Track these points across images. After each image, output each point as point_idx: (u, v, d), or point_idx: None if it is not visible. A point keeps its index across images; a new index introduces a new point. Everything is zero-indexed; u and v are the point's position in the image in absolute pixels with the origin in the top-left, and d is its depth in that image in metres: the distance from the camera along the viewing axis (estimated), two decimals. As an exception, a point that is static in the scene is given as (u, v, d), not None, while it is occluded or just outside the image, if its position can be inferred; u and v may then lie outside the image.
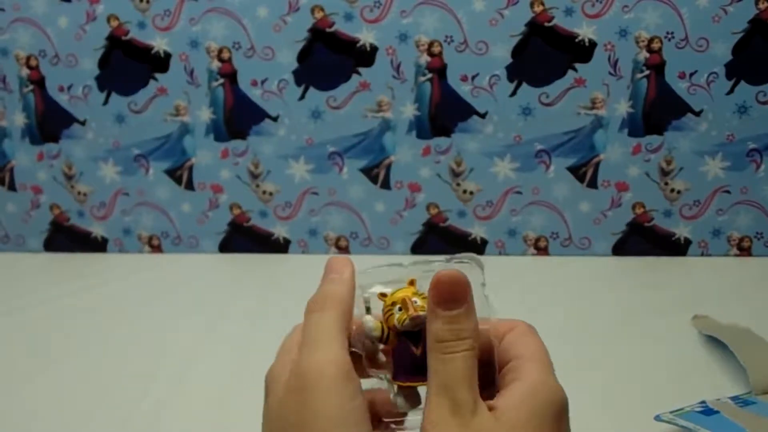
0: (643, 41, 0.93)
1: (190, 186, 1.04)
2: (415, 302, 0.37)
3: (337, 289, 0.39)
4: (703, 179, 0.98)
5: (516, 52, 0.95)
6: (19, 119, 1.03)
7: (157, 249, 1.07)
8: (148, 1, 0.96)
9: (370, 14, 0.95)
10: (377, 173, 1.02)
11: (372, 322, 0.38)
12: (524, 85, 0.96)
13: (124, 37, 0.98)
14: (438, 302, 0.35)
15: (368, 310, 0.39)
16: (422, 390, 0.37)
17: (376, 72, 0.97)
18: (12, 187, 1.06)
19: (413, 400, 0.38)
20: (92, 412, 0.70)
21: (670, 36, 0.93)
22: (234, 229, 1.06)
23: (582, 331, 0.82)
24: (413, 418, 0.38)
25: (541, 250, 1.03)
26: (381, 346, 0.39)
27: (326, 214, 1.04)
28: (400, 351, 0.38)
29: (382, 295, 0.39)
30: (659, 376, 0.73)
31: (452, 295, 0.35)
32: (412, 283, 0.39)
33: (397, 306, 0.37)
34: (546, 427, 0.34)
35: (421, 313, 0.37)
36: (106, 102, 1.01)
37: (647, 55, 0.94)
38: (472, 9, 0.93)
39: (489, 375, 0.37)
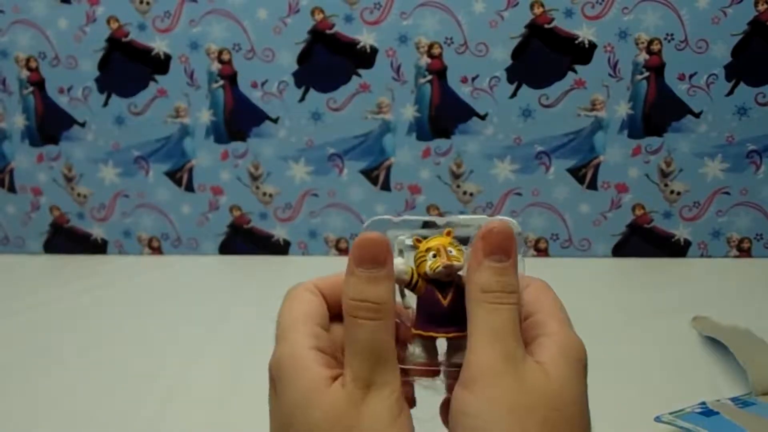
0: (642, 43, 0.93)
1: (190, 188, 1.04)
2: (450, 252, 0.37)
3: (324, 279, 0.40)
4: (703, 181, 0.98)
5: (516, 53, 0.95)
6: (19, 121, 1.03)
7: (157, 251, 1.07)
8: (148, 3, 0.96)
9: (370, 16, 0.95)
10: (377, 175, 1.02)
11: (403, 265, 0.37)
12: (524, 87, 0.96)
13: (124, 39, 0.98)
14: (488, 252, 0.35)
15: (401, 252, 0.38)
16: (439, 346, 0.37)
17: (376, 74, 0.97)
18: (12, 189, 1.06)
19: (430, 351, 0.37)
20: (93, 414, 0.70)
21: (669, 37, 0.93)
22: (234, 231, 1.06)
23: (582, 332, 0.81)
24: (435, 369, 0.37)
25: (541, 252, 1.03)
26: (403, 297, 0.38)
27: (326, 215, 1.04)
28: (426, 299, 0.37)
29: (417, 241, 0.38)
30: (659, 377, 0.73)
31: (502, 247, 0.35)
32: (449, 233, 0.38)
33: (431, 253, 0.37)
34: (582, 380, 0.35)
35: (455, 263, 0.36)
36: (106, 104, 1.01)
37: (647, 56, 0.94)
38: (472, 11, 0.93)
39: None
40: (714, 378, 0.71)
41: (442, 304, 0.36)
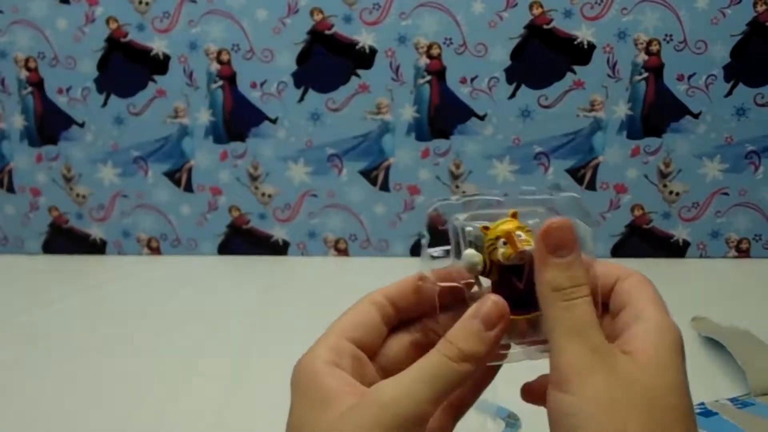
0: (641, 43, 0.93)
1: (189, 188, 1.04)
2: (520, 236, 0.36)
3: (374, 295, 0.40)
4: (702, 181, 0.98)
5: (515, 54, 0.95)
6: (18, 121, 1.03)
7: (156, 251, 1.07)
8: (147, 3, 0.96)
9: (369, 16, 0.95)
10: (376, 175, 1.02)
11: (477, 256, 0.37)
12: (523, 87, 0.96)
13: (123, 39, 0.98)
14: (551, 250, 0.35)
15: (470, 244, 0.38)
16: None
17: (375, 74, 0.97)
18: (11, 189, 1.06)
19: (511, 335, 0.37)
20: (92, 414, 0.70)
21: (668, 38, 0.93)
22: (233, 231, 1.06)
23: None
24: (515, 351, 0.38)
25: (540, 252, 1.03)
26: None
27: (325, 216, 1.04)
28: (502, 284, 0.37)
29: (485, 228, 0.38)
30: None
31: (563, 242, 0.35)
32: (514, 215, 0.38)
33: (501, 240, 0.37)
34: (679, 365, 0.34)
35: (527, 248, 0.36)
36: (105, 104, 1.01)
37: (646, 57, 0.94)
38: (471, 11, 0.94)
39: None
40: (713, 378, 0.71)
41: (519, 287, 0.37)
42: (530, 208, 0.38)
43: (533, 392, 0.38)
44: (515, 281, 0.37)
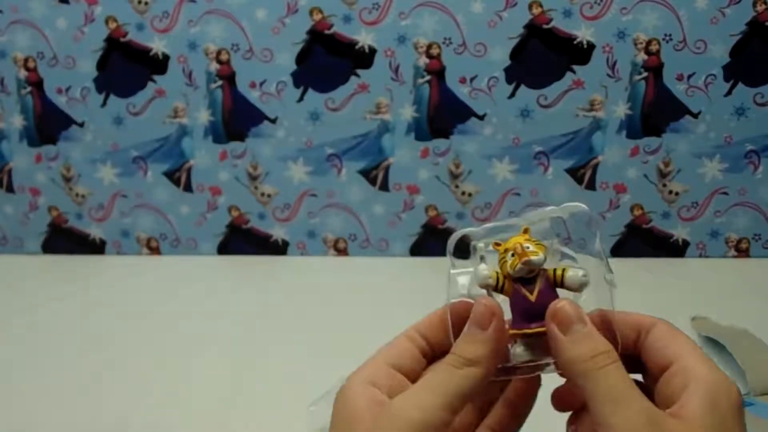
0: (641, 43, 0.93)
1: (188, 188, 1.04)
2: (528, 247, 0.37)
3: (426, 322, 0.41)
4: (701, 181, 0.98)
5: (514, 54, 0.95)
6: (17, 121, 1.03)
7: (155, 251, 1.07)
8: (146, 3, 0.96)
9: (369, 16, 0.95)
10: (376, 175, 1.02)
11: (486, 270, 0.38)
12: (523, 87, 0.96)
13: (122, 39, 0.98)
14: (565, 330, 0.35)
15: (482, 259, 0.39)
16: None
17: (374, 74, 0.97)
18: (10, 189, 1.06)
19: (532, 348, 0.38)
20: (91, 414, 0.70)
21: (668, 38, 0.93)
22: (232, 231, 1.06)
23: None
24: (518, 350, 0.38)
25: (540, 252, 1.03)
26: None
27: (325, 216, 1.04)
28: (516, 298, 0.37)
29: (497, 245, 0.38)
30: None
31: (573, 319, 0.35)
32: (525, 231, 0.38)
33: (510, 252, 0.37)
34: (733, 427, 0.33)
35: (533, 257, 0.37)
36: (104, 104, 1.01)
37: (645, 57, 0.94)
38: (471, 11, 0.94)
39: None
40: (712, 378, 0.71)
41: (530, 299, 0.37)
42: (539, 221, 0.39)
43: (563, 399, 0.38)
44: (526, 294, 0.37)
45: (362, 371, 0.38)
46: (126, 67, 0.99)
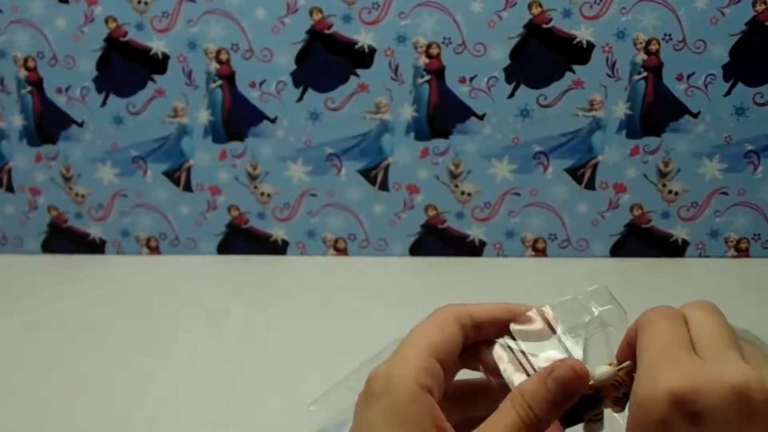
0: (640, 43, 0.93)
1: (188, 188, 1.04)
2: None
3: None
4: (701, 181, 0.98)
5: (514, 53, 0.95)
6: (17, 120, 1.03)
7: (155, 251, 1.07)
8: (146, 3, 0.96)
9: (369, 16, 0.95)
10: (375, 175, 1.02)
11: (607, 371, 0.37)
12: (522, 87, 0.96)
13: (122, 39, 0.98)
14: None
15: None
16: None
17: (374, 74, 0.97)
18: (10, 189, 1.06)
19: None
20: (91, 414, 0.70)
21: (667, 38, 0.93)
22: (232, 231, 1.06)
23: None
24: None
25: (539, 252, 1.03)
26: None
27: (324, 215, 1.04)
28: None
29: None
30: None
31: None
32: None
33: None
34: None
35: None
36: (104, 103, 1.01)
37: (645, 56, 0.94)
38: (471, 11, 0.93)
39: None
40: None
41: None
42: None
43: None
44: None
45: (415, 364, 0.34)
46: (126, 66, 0.99)
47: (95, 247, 1.08)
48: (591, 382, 0.35)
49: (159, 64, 0.99)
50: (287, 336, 0.83)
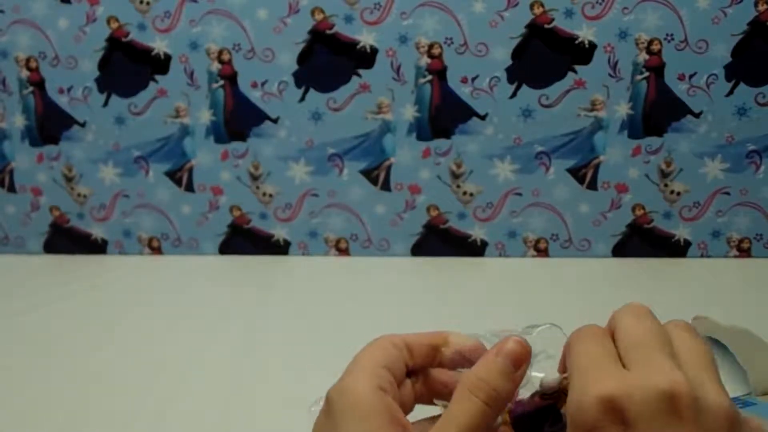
0: (642, 43, 0.93)
1: (190, 188, 1.04)
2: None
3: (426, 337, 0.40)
4: (703, 181, 0.98)
5: (516, 53, 0.95)
6: (19, 121, 1.03)
7: (157, 251, 1.07)
8: (148, 3, 0.96)
9: (370, 16, 0.95)
10: (377, 175, 1.02)
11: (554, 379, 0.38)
12: (524, 87, 0.96)
13: (124, 39, 0.98)
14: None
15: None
16: None
17: (376, 74, 0.97)
18: (12, 189, 1.06)
19: None
20: (92, 414, 0.70)
21: (669, 38, 0.93)
22: (234, 231, 1.06)
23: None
24: None
25: (541, 252, 1.03)
26: None
27: (326, 215, 1.04)
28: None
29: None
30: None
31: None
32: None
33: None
34: None
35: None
36: (106, 104, 1.01)
37: (647, 56, 0.94)
38: (472, 11, 0.93)
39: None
40: (714, 378, 0.71)
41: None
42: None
43: None
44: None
45: (363, 374, 0.37)
46: (128, 67, 0.99)
47: (97, 247, 1.08)
48: (540, 390, 0.37)
49: (161, 64, 0.99)
50: (289, 336, 0.83)
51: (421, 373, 0.40)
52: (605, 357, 0.34)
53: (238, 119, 1.00)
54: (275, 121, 1.00)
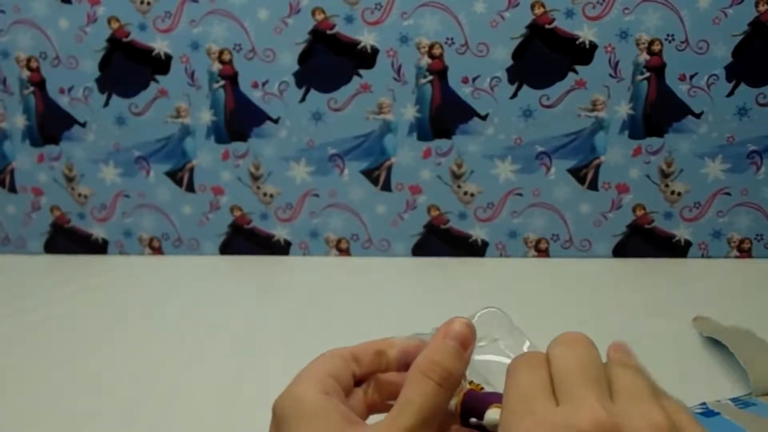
0: (643, 43, 0.93)
1: (190, 188, 1.04)
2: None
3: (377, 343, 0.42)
4: (704, 181, 0.98)
5: (517, 54, 0.95)
6: (20, 121, 1.03)
7: (157, 251, 1.07)
8: (148, 3, 0.96)
9: (371, 16, 0.95)
10: (378, 175, 1.02)
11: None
12: (525, 87, 0.96)
13: (124, 39, 0.98)
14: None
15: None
16: None
17: (376, 74, 0.97)
18: (12, 189, 1.06)
19: None
20: (93, 414, 0.70)
21: (670, 38, 0.93)
22: (235, 231, 1.06)
23: (582, 332, 0.82)
24: None
25: (542, 252, 1.03)
26: None
27: (327, 216, 1.04)
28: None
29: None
30: (659, 378, 0.72)
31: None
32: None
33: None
34: None
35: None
36: (106, 104, 1.01)
37: (648, 57, 0.94)
38: (473, 11, 0.94)
39: None
40: (714, 378, 0.71)
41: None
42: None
43: None
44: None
45: (308, 382, 0.38)
46: (128, 67, 0.99)
47: (98, 247, 1.08)
48: (485, 423, 0.37)
49: (162, 64, 0.99)
50: (289, 336, 0.83)
51: (371, 379, 0.41)
52: (536, 389, 0.33)
53: (239, 119, 1.00)
54: (276, 121, 1.00)
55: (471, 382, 0.40)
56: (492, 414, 0.37)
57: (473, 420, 0.37)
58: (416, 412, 0.35)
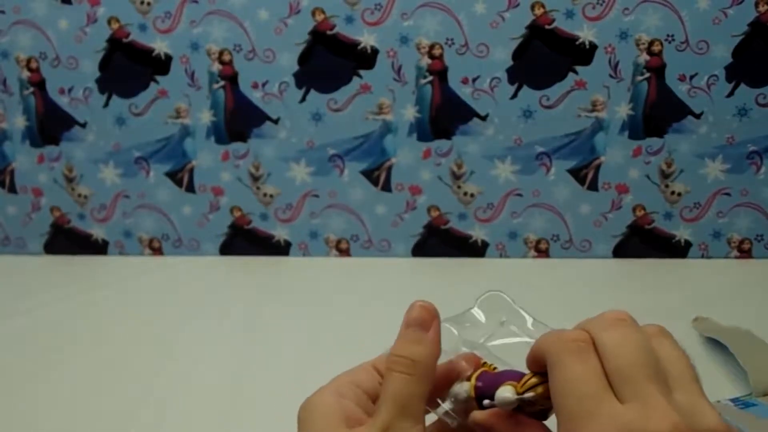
0: (643, 44, 0.93)
1: (190, 188, 1.04)
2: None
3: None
4: (704, 181, 0.98)
5: (517, 54, 0.95)
6: (20, 121, 1.03)
7: (157, 251, 1.07)
8: (149, 3, 0.96)
9: (371, 17, 0.95)
10: (378, 176, 1.02)
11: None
12: (525, 88, 0.96)
13: (124, 40, 0.98)
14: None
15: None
16: None
17: (376, 74, 0.97)
18: (12, 190, 1.06)
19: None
20: (93, 415, 0.70)
21: (670, 38, 0.93)
22: (235, 232, 1.06)
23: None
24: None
25: (542, 253, 1.03)
26: None
27: (327, 216, 1.04)
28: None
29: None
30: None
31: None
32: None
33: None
34: None
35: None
36: (106, 104, 1.01)
37: (648, 57, 0.94)
38: (473, 11, 0.94)
39: None
40: (714, 379, 0.71)
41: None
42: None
43: None
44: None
45: (326, 388, 0.39)
46: (128, 67, 0.99)
47: (98, 248, 1.08)
48: (496, 403, 0.37)
49: (162, 64, 0.99)
50: (289, 337, 0.83)
51: None
52: (593, 385, 0.31)
53: (239, 120, 1.00)
54: (276, 121, 1.00)
55: (485, 364, 0.40)
56: (502, 392, 0.36)
57: (486, 401, 0.37)
58: (390, 406, 0.36)
